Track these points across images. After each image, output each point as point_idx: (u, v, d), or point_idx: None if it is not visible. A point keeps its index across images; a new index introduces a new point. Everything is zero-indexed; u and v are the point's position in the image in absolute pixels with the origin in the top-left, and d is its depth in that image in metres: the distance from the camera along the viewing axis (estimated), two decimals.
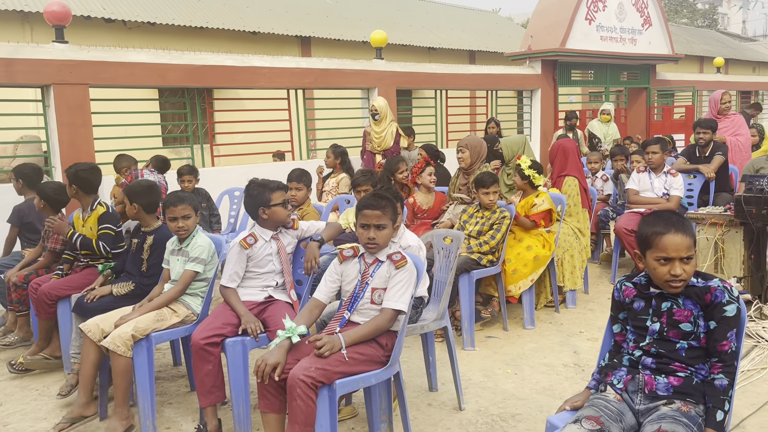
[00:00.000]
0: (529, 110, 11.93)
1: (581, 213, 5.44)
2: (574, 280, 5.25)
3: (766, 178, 4.68)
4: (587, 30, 11.77)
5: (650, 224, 2.16)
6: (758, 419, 3.21)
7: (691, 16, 40.69)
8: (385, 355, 2.77)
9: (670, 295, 2.16)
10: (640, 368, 2.18)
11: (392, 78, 9.21)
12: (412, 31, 17.66)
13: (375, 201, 2.82)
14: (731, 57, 25.63)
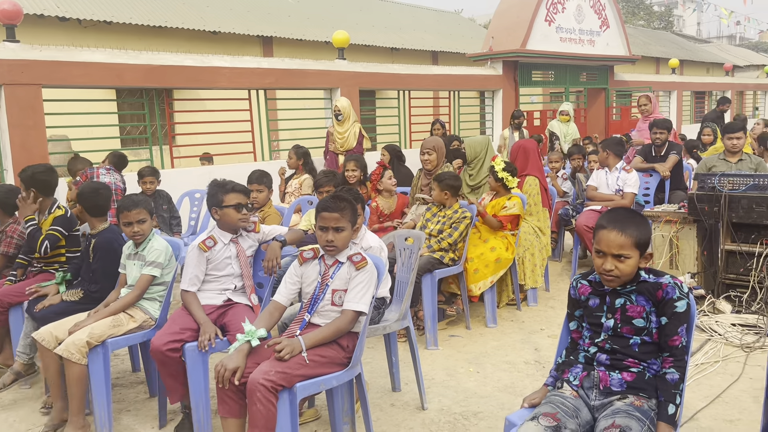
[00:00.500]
0: (491, 110, 12.06)
1: (542, 212, 5.52)
2: (535, 278, 5.32)
3: (718, 176, 4.82)
4: (547, 31, 11.96)
5: (601, 218, 2.23)
6: (711, 411, 3.30)
7: (647, 18, 41.66)
8: (347, 356, 2.76)
9: (622, 291, 2.20)
10: (595, 365, 2.22)
11: (355, 78, 9.19)
12: (375, 32, 17.68)
13: (334, 203, 2.81)
14: (686, 58, 26.36)
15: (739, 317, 4.52)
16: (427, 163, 5.31)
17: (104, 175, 5.65)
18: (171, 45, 13.14)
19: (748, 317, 4.50)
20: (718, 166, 5.87)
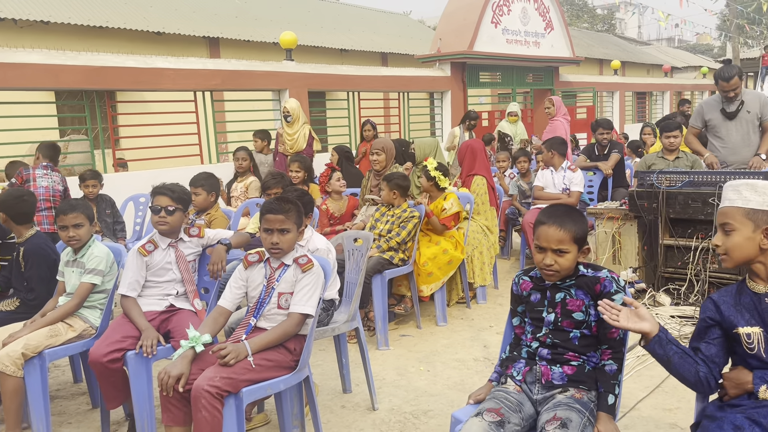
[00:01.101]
0: (440, 111, 12.18)
1: (489, 211, 5.59)
2: (483, 276, 5.40)
3: (656, 174, 4.98)
4: (493, 33, 12.15)
5: (540, 214, 2.27)
6: (652, 401, 3.41)
7: (591, 20, 42.83)
8: (294, 359, 2.73)
9: (562, 285, 2.25)
10: (537, 359, 2.26)
11: (303, 80, 9.14)
12: (324, 33, 17.62)
13: (278, 205, 2.78)
14: (628, 60, 27.20)
15: (678, 309, 4.68)
16: (376, 164, 5.32)
17: (42, 177, 5.44)
18: (113, 46, 12.79)
19: (686, 309, 4.66)
20: (656, 164, 6.07)
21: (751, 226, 1.88)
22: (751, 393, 1.85)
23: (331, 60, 15.08)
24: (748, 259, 1.91)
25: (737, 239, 1.90)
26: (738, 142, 5.43)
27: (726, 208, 1.95)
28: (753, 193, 1.90)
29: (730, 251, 1.92)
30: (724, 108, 5.43)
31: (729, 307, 1.95)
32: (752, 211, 1.89)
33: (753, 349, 1.89)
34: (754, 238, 1.88)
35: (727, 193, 1.97)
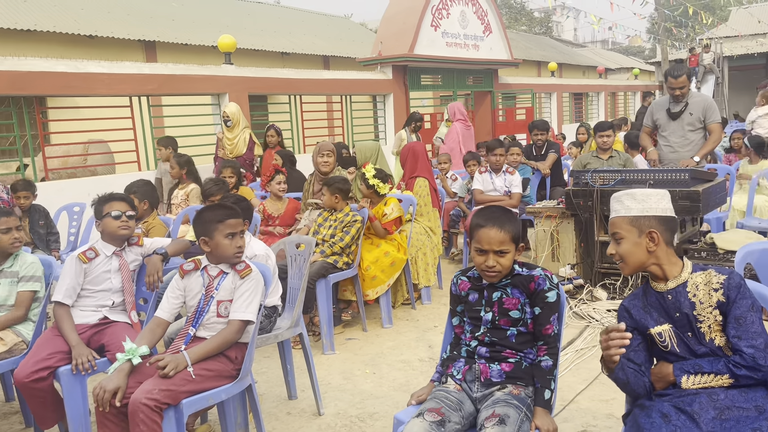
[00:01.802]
0: (383, 114, 12.23)
1: (432, 212, 5.65)
2: (427, 277, 5.45)
3: (590, 173, 5.14)
4: (433, 36, 12.29)
5: (476, 217, 2.31)
6: (590, 393, 3.51)
7: (529, 23, 43.88)
8: (236, 368, 2.69)
9: (499, 285, 2.30)
10: (476, 358, 2.30)
11: (243, 83, 9.02)
12: (265, 36, 17.44)
13: (234, 210, 2.79)
14: (564, 62, 27.96)
15: (614, 303, 4.85)
16: (326, 165, 5.28)
17: None
18: (42, 50, 12.30)
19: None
20: (591, 163, 6.28)
21: (636, 233, 2.01)
22: (675, 384, 1.93)
23: (272, 63, 14.95)
24: (642, 263, 2.02)
25: (627, 246, 2.02)
26: (678, 142, 5.66)
27: (613, 218, 2.08)
28: (633, 202, 2.05)
29: (624, 258, 2.03)
30: (670, 108, 5.65)
31: (639, 311, 2.05)
32: (635, 219, 2.02)
33: (666, 346, 1.99)
34: (641, 243, 2.00)
35: (613, 205, 2.11)
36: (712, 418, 1.80)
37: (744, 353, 1.84)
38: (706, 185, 4.80)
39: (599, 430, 3.11)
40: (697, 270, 2.00)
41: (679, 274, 2.00)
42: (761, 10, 24.95)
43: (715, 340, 1.92)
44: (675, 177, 4.78)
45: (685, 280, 1.98)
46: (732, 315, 1.88)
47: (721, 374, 1.87)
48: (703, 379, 1.89)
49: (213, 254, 2.78)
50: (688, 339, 1.95)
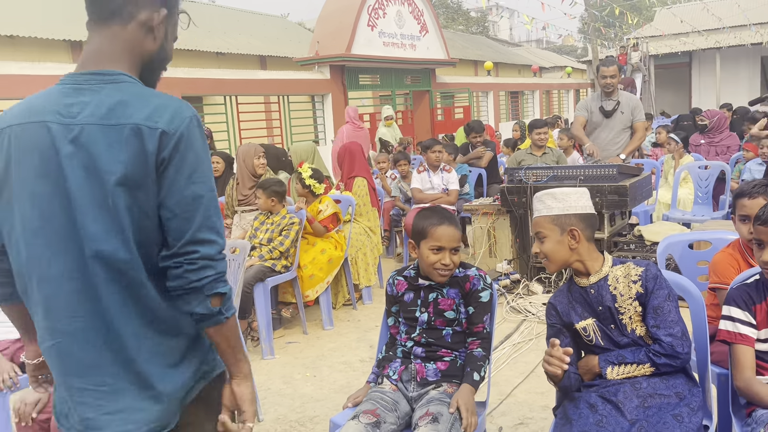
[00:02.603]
0: (322, 115, 12.18)
1: (371, 212, 5.66)
2: (368, 276, 5.45)
3: (524, 170, 5.25)
4: (370, 36, 12.32)
5: (426, 217, 2.30)
6: (527, 386, 3.59)
7: (466, 23, 44.52)
8: None
9: (436, 285, 2.31)
10: (411, 358, 2.31)
11: (176, 85, 8.81)
12: (198, 36, 17.05)
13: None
14: (500, 61, 28.53)
15: (550, 296, 4.97)
16: (263, 167, 5.18)
17: None
18: None
19: None
20: (526, 160, 6.42)
21: (558, 231, 2.06)
22: (601, 375, 1.99)
23: (206, 64, 14.64)
24: (565, 260, 2.07)
25: (550, 245, 2.06)
26: (608, 139, 5.84)
27: (536, 218, 2.13)
28: (554, 201, 2.09)
29: (549, 256, 2.08)
30: (603, 106, 5.82)
31: (564, 307, 2.11)
32: (556, 217, 2.06)
33: (591, 340, 2.05)
34: (563, 241, 2.05)
35: (535, 205, 2.15)
36: (635, 406, 1.87)
37: (663, 342, 1.92)
38: (633, 180, 4.98)
39: (536, 422, 3.18)
40: (616, 263, 2.07)
41: (600, 268, 2.06)
42: (684, 10, 26.15)
43: (636, 331, 1.99)
44: (604, 172, 4.94)
45: (606, 274, 2.05)
46: (650, 305, 1.96)
47: (642, 363, 1.94)
48: (626, 369, 1.95)
49: None
50: (611, 331, 2.02)
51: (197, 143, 1.40)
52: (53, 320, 1.41)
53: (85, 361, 1.40)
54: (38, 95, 1.46)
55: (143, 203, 1.36)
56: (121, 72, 1.44)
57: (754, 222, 1.96)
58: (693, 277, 2.73)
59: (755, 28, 22.03)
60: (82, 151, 1.34)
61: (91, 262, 1.36)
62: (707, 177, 6.27)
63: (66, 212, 1.36)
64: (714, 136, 7.58)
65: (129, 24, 1.46)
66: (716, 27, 22.98)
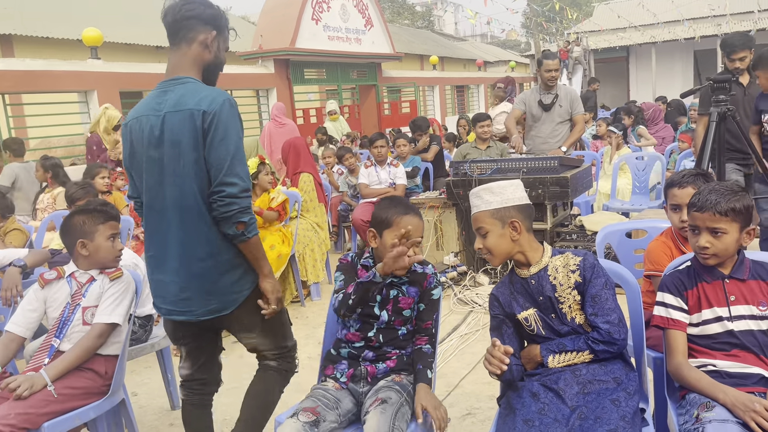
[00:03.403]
0: (267, 109, 12.01)
1: (318, 208, 5.61)
2: (316, 273, 5.41)
3: (468, 163, 5.31)
4: (315, 30, 12.21)
5: (391, 206, 2.25)
6: (473, 377, 3.62)
7: (411, 17, 44.69)
8: (105, 383, 2.53)
9: (397, 282, 2.27)
10: (360, 360, 2.26)
11: (113, 79, 8.51)
12: (136, 29, 16.55)
13: (115, 210, 2.64)
14: (446, 55, 28.74)
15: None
16: None
17: None
18: None
19: None
20: (471, 153, 6.49)
21: (500, 224, 2.07)
22: (543, 363, 2.03)
23: (145, 58, 14.21)
24: (508, 252, 2.09)
25: (493, 239, 2.07)
26: (547, 132, 5.93)
27: (476, 213, 2.12)
28: (491, 195, 2.09)
29: (492, 250, 2.08)
30: (542, 100, 5.90)
31: (506, 298, 2.13)
32: (496, 211, 2.07)
33: (533, 330, 2.08)
34: (505, 234, 2.06)
35: (473, 201, 2.14)
36: (576, 393, 1.90)
37: (601, 329, 1.96)
38: (574, 171, 5.09)
39: (483, 411, 3.21)
40: (555, 254, 2.10)
41: (540, 259, 2.09)
42: (621, 6, 26.92)
43: (575, 319, 2.03)
44: (546, 164, 5.03)
45: (546, 265, 2.07)
46: (588, 294, 2.00)
47: (582, 351, 1.98)
48: (566, 357, 1.99)
49: (90, 258, 2.59)
50: (552, 320, 2.05)
51: (225, 118, 2.10)
52: (151, 239, 2.28)
53: (166, 265, 2.22)
54: (144, 99, 2.26)
55: (200, 159, 2.10)
56: (188, 77, 2.21)
57: (689, 209, 2.02)
58: (630, 264, 2.81)
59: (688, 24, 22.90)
60: (167, 130, 2.12)
61: (170, 206, 2.16)
62: (644, 167, 6.47)
63: (160, 173, 2.16)
64: (650, 127, 7.84)
65: (192, 45, 2.23)
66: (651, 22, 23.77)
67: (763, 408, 1.72)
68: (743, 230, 1.97)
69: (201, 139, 2.08)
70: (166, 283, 2.22)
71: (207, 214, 2.13)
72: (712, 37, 23.23)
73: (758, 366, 1.93)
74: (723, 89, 3.51)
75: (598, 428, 1.76)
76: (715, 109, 3.50)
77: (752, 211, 1.98)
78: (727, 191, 1.96)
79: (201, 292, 2.19)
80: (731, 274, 1.99)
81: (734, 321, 1.96)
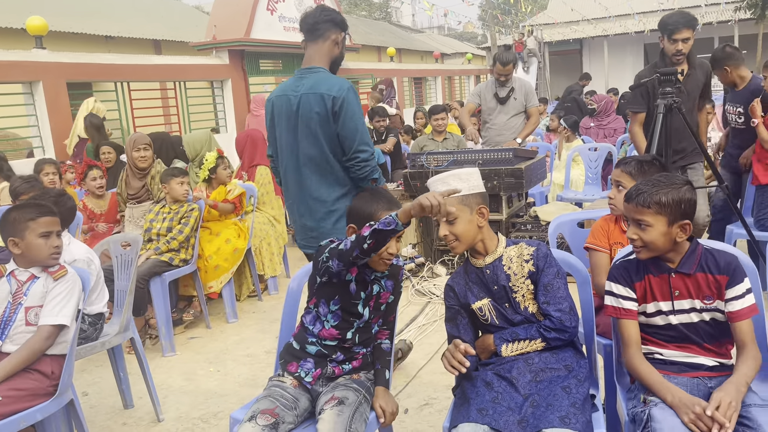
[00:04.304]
0: (222, 101, 11.79)
1: (275, 201, 5.55)
2: (273, 266, 5.36)
3: (425, 155, 5.32)
4: (270, 20, 12.03)
5: (372, 200, 2.17)
6: (431, 367, 3.65)
7: (368, 9, 44.51)
8: (53, 384, 2.45)
9: (379, 276, 2.22)
10: (329, 361, 2.21)
11: (60, 70, 8.21)
12: (85, 18, 16.05)
13: (49, 207, 2.53)
14: (403, 47, 28.76)
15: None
16: (143, 160, 4.91)
17: None
18: None
19: None
20: (428, 146, 6.51)
21: (468, 211, 2.05)
22: (497, 353, 2.05)
23: (94, 48, 13.79)
24: (474, 239, 2.08)
25: (462, 225, 2.05)
26: (503, 125, 5.98)
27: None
28: (460, 182, 2.06)
29: (460, 237, 2.06)
30: (497, 93, 5.93)
31: (462, 288, 2.13)
32: (464, 198, 2.05)
33: (486, 320, 2.10)
34: (473, 221, 2.06)
35: (438, 187, 2.06)
36: (528, 381, 1.93)
37: (552, 317, 1.99)
38: (529, 162, 5.17)
39: (440, 401, 3.24)
40: (510, 244, 2.12)
41: (495, 249, 2.10)
42: None
43: (528, 308, 2.06)
44: (501, 156, 5.09)
45: (501, 255, 2.09)
46: (541, 283, 2.02)
47: (534, 339, 2.01)
48: (519, 346, 2.02)
49: (24, 256, 2.50)
50: (506, 309, 2.07)
51: (351, 102, 2.81)
52: (288, 191, 3.09)
53: (300, 210, 3.06)
54: (285, 82, 3.03)
55: (329, 131, 2.85)
56: (319, 67, 2.93)
57: (625, 200, 2.02)
58: (582, 254, 2.85)
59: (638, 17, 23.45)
60: (302, 107, 2.87)
61: (302, 162, 2.94)
62: (596, 158, 6.61)
63: (294, 137, 2.93)
64: (602, 119, 8.00)
65: (326, 41, 2.96)
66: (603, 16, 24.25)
67: (702, 411, 1.71)
68: (673, 224, 1.90)
69: (330, 116, 2.81)
70: (299, 225, 3.08)
71: (330, 171, 2.91)
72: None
73: (703, 355, 1.96)
74: (669, 81, 3.59)
75: (550, 415, 1.79)
76: (662, 101, 3.58)
77: (687, 205, 1.90)
78: (662, 183, 1.92)
79: (318, 231, 2.99)
80: (678, 268, 1.95)
81: (677, 315, 1.96)
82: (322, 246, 2.14)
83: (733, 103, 4.53)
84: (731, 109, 4.57)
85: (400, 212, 1.86)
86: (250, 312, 4.95)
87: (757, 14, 19.01)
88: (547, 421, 1.77)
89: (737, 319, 1.89)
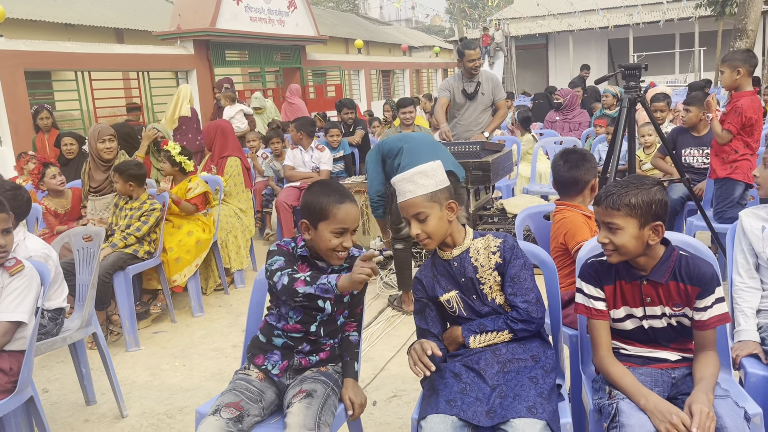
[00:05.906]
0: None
1: (243, 193, 5.47)
2: (240, 260, 5.30)
3: None
4: (236, 10, 11.88)
5: (324, 194, 2.07)
6: (399, 359, 3.66)
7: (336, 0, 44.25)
8: (12, 380, 2.38)
9: (337, 269, 2.18)
10: (296, 353, 2.19)
11: (17, 58, 7.98)
12: (43, 6, 15.61)
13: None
14: (371, 39, 28.69)
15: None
16: (108, 152, 4.79)
17: None
18: None
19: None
20: None
21: (437, 207, 2.02)
22: (465, 344, 2.06)
23: (53, 36, 13.42)
24: (445, 234, 2.07)
25: (434, 222, 2.02)
26: (471, 120, 6.00)
27: (411, 199, 2.02)
28: (426, 179, 2.03)
29: (432, 234, 2.03)
30: (465, 88, 5.93)
31: (429, 280, 2.13)
32: (432, 194, 2.02)
33: (454, 312, 2.10)
34: (443, 216, 2.04)
35: (405, 186, 2.02)
36: (496, 372, 1.95)
37: (519, 308, 2.01)
38: (496, 156, 5.20)
39: (408, 393, 3.25)
40: (477, 236, 2.12)
41: (462, 241, 2.11)
42: None
43: (496, 300, 2.07)
44: (468, 149, 5.11)
45: (468, 247, 2.10)
46: (508, 274, 2.04)
47: (501, 330, 2.02)
48: (487, 337, 2.03)
49: None
50: (473, 301, 2.08)
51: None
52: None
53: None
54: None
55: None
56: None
57: (594, 203, 2.02)
58: (548, 246, 2.89)
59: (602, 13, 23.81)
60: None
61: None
62: None
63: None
64: (567, 113, 8.11)
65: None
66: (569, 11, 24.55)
67: (680, 421, 1.68)
68: (644, 226, 1.86)
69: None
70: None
71: None
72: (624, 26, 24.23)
73: (667, 351, 1.99)
74: (634, 76, 3.66)
75: (517, 405, 1.81)
76: (626, 95, 3.64)
77: (658, 206, 1.86)
78: (632, 185, 1.88)
79: None
80: (649, 277, 1.91)
81: (648, 320, 1.97)
82: (270, 252, 2.13)
83: (699, 146, 4.80)
84: (696, 152, 4.79)
85: (340, 283, 1.89)
86: (216, 306, 4.89)
87: (717, 11, 19.47)
88: (514, 411, 1.79)
89: (703, 328, 1.89)
